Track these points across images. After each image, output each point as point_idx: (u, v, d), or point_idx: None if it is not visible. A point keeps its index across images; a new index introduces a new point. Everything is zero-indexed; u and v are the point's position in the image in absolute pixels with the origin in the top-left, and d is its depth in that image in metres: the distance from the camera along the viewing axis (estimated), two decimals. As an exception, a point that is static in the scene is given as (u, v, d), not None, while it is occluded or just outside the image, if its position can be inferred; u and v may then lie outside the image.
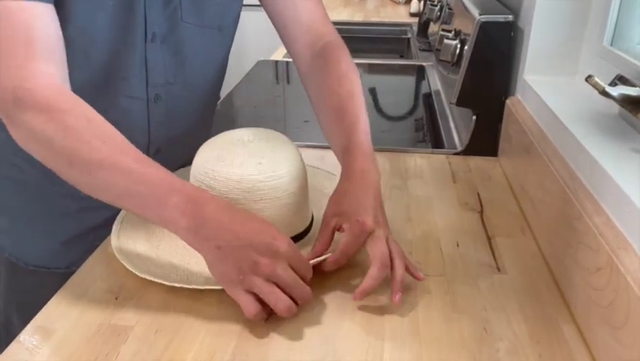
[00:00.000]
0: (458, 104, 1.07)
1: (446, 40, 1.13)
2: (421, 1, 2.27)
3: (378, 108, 1.43)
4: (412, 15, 2.54)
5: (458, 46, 1.10)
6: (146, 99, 0.80)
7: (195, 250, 0.60)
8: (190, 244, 0.60)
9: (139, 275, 0.66)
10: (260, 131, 0.74)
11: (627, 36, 0.81)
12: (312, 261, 0.65)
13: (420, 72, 1.72)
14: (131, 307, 0.64)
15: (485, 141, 1.06)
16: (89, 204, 0.68)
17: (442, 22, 1.45)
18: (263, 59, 1.80)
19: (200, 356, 0.57)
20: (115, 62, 0.75)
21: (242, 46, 1.97)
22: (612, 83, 0.70)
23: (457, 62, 1.10)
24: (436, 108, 1.37)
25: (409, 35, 2.23)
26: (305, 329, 0.61)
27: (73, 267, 0.71)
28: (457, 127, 1.21)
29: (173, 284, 0.64)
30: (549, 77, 0.93)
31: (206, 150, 0.71)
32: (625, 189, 0.57)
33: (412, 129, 1.33)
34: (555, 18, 0.90)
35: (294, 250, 0.60)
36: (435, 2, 1.65)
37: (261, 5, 0.86)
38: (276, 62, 1.80)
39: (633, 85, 0.68)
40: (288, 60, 1.70)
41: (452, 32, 1.21)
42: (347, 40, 0.88)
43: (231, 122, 1.33)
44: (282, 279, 0.59)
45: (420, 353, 0.58)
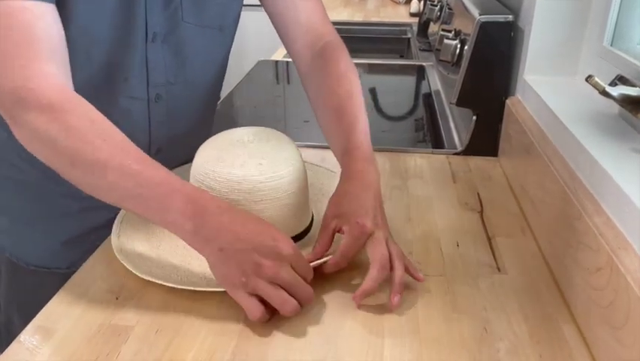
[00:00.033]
0: (458, 104, 1.07)
1: (446, 40, 1.13)
2: (421, 1, 2.27)
3: (379, 108, 1.42)
4: (412, 15, 2.54)
5: (458, 46, 1.10)
6: (146, 99, 0.80)
7: (196, 250, 0.61)
8: (190, 244, 0.60)
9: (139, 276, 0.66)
10: (260, 130, 0.74)
11: (627, 36, 0.81)
12: (313, 263, 0.65)
13: (420, 72, 1.72)
14: (132, 307, 0.64)
15: (485, 141, 1.06)
16: (89, 205, 0.69)
17: (442, 22, 1.45)
18: (263, 59, 1.80)
19: (201, 355, 0.57)
20: (116, 62, 0.75)
21: (242, 46, 1.97)
22: (612, 83, 0.70)
23: (457, 62, 1.10)
24: (436, 108, 1.37)
25: (409, 35, 2.23)
26: (305, 329, 0.61)
27: (74, 267, 0.71)
28: (457, 127, 1.21)
29: (175, 286, 0.64)
30: (549, 77, 0.93)
31: (206, 150, 0.71)
32: (625, 189, 0.57)
33: (412, 129, 1.33)
34: (555, 18, 0.90)
35: (295, 251, 0.60)
36: (435, 2, 1.65)
37: (261, 5, 0.86)
38: (276, 62, 1.80)
39: (633, 85, 0.68)
40: (288, 60, 1.70)
41: (452, 32, 1.21)
42: (347, 40, 0.88)
43: (231, 122, 1.33)
44: (286, 281, 0.59)
45: (420, 353, 0.58)
